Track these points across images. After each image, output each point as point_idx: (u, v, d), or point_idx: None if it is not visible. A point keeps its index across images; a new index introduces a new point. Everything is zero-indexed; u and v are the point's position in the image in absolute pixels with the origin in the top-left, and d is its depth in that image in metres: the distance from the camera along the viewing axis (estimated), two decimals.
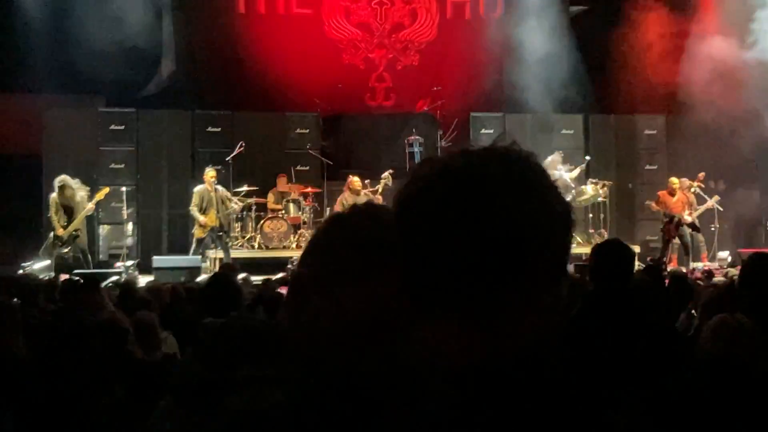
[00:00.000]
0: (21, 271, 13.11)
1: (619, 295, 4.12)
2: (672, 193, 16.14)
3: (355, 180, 15.40)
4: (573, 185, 16.30)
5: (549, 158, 15.91)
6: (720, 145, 17.24)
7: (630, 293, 4.24)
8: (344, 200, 15.36)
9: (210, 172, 14.95)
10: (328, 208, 16.70)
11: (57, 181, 14.37)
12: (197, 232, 14.86)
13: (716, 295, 5.55)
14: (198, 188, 14.87)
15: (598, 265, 4.21)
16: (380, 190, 15.52)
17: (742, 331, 3.50)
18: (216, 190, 14.87)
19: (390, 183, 15.67)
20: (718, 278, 11.08)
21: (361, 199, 15.23)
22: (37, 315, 6.07)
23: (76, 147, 16.52)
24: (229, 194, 15.16)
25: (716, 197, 16.52)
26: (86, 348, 3.96)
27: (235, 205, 15.24)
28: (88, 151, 16.50)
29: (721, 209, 16.70)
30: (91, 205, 14.62)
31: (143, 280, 12.24)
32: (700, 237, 16.34)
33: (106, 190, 15.15)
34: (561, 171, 16.12)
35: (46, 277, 11.71)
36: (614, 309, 4.07)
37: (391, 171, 15.78)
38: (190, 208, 14.82)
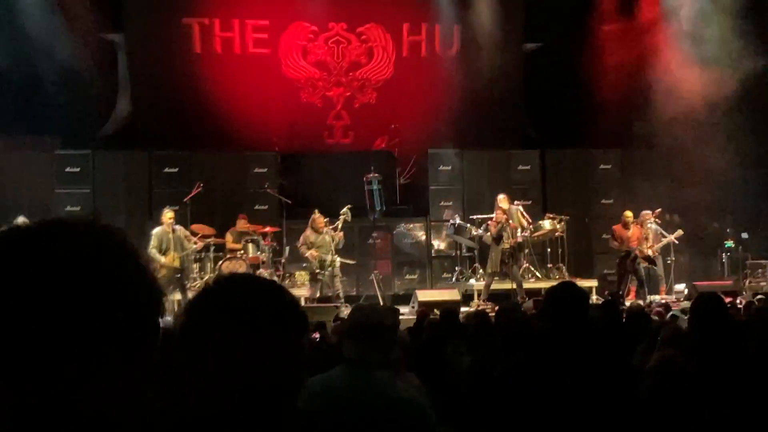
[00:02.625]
0: None
1: (573, 334, 4.15)
2: (626, 227, 16.28)
3: (317, 218, 15.35)
4: (528, 220, 16.37)
5: (499, 196, 15.99)
6: (675, 178, 17.47)
7: (584, 332, 4.27)
8: (306, 238, 15.33)
9: (168, 213, 14.84)
10: (287, 247, 16.66)
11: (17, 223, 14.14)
12: (159, 273, 14.72)
13: (671, 333, 5.62)
14: (156, 230, 14.75)
15: (551, 309, 4.24)
16: (339, 227, 15.50)
17: (681, 373, 3.55)
18: (174, 230, 14.75)
19: (349, 219, 15.67)
20: (675, 311, 11.21)
21: (323, 236, 15.18)
22: None
23: (31, 189, 16.35)
24: (187, 233, 15.05)
25: (679, 231, 16.66)
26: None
27: (194, 244, 15.13)
28: (43, 194, 16.32)
29: (678, 242, 16.88)
30: None
31: None
32: (658, 270, 16.49)
33: None
34: (516, 207, 16.20)
35: None
36: (568, 347, 4.10)
37: (350, 206, 15.77)
38: (149, 249, 14.69)
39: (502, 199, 15.88)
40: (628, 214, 16.39)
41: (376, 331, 3.39)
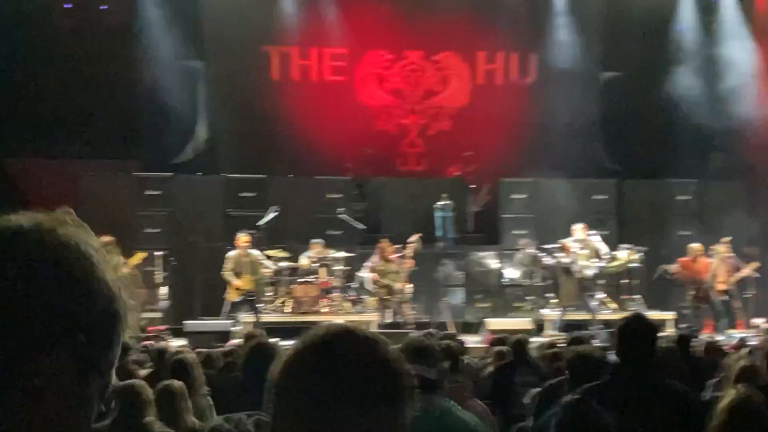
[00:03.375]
0: None
1: (643, 367, 4.11)
2: (693, 260, 16.00)
3: (385, 246, 15.41)
4: (604, 250, 16.17)
5: (575, 226, 15.90)
6: (755, 210, 17.12)
7: (653, 365, 4.22)
8: (375, 264, 15.40)
9: (243, 237, 15.06)
10: (358, 272, 16.72)
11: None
12: (230, 295, 14.94)
13: (744, 368, 5.50)
14: (231, 253, 14.97)
15: (620, 341, 4.21)
16: (410, 254, 15.51)
17: (755, 411, 3.46)
18: (249, 254, 14.96)
19: (419, 247, 15.68)
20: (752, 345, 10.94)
21: (391, 265, 15.23)
22: None
23: (114, 212, 16.70)
24: (262, 258, 15.23)
25: (756, 264, 16.29)
26: (101, 415, 3.97)
27: (268, 268, 15.31)
28: (124, 216, 16.65)
29: (758, 275, 16.50)
30: (127, 270, 14.69)
31: (175, 344, 12.27)
32: (736, 303, 16.13)
33: (144, 255, 15.26)
34: (593, 236, 16.05)
35: None
36: (637, 381, 4.06)
37: (420, 235, 15.77)
38: (224, 272, 14.91)
39: (578, 229, 15.77)
40: (694, 246, 16.10)
41: (425, 352, 3.40)
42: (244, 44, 18.99)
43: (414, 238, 15.63)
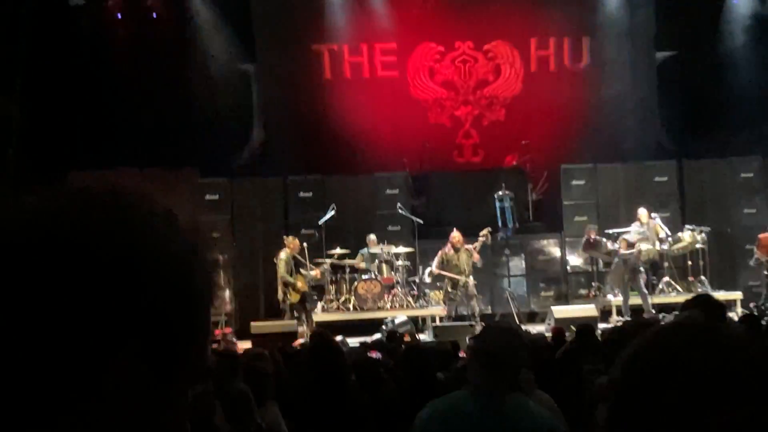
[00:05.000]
0: None
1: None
2: None
3: (455, 236, 15.37)
4: (665, 234, 15.98)
5: (639, 210, 15.80)
6: None
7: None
8: (444, 255, 15.38)
9: (292, 239, 15.27)
10: (420, 267, 16.73)
11: None
12: (292, 297, 15.06)
13: None
14: (282, 255, 15.10)
15: None
16: (478, 248, 15.46)
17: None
18: (297, 256, 15.20)
19: (489, 242, 15.64)
20: None
21: (462, 255, 15.20)
22: None
23: None
24: (306, 262, 15.41)
25: None
26: None
27: (312, 272, 15.44)
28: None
29: None
30: None
31: (241, 347, 12.39)
32: None
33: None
34: (655, 219, 15.91)
35: None
36: None
37: (489, 229, 15.72)
38: (281, 275, 15.03)
39: (642, 215, 15.66)
40: None
41: (501, 357, 3.36)
42: (294, 44, 19.09)
43: (484, 231, 15.57)
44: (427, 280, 15.79)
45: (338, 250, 16.09)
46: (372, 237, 16.34)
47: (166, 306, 0.91)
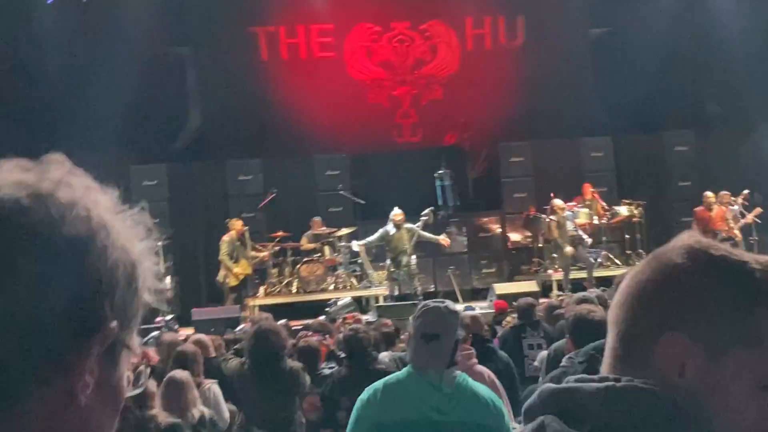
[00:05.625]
0: None
1: None
2: (709, 208, 15.92)
3: (397, 213, 15.27)
4: (604, 208, 16.27)
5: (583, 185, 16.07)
6: (753, 155, 17.06)
7: None
8: (386, 233, 15.29)
9: (236, 222, 15.12)
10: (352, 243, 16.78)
11: None
12: (231, 281, 14.96)
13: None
14: (225, 238, 14.99)
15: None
16: (421, 227, 15.42)
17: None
18: (243, 238, 15.02)
19: (431, 221, 15.64)
20: None
21: (403, 233, 15.11)
22: None
23: None
24: (253, 243, 15.29)
25: (758, 209, 16.29)
26: None
27: (264, 253, 15.35)
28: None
29: (760, 222, 16.51)
30: None
31: (183, 333, 12.30)
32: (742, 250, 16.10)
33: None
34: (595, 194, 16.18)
35: None
36: None
37: (432, 208, 15.71)
38: (221, 256, 14.93)
39: (585, 189, 15.90)
40: (709, 194, 15.99)
41: (438, 335, 3.38)
42: (229, 26, 18.87)
43: (426, 211, 15.56)
44: (356, 248, 15.62)
45: (280, 233, 16.03)
46: (317, 219, 16.31)
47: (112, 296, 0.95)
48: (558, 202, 15.60)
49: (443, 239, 15.54)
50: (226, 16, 18.77)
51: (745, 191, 16.21)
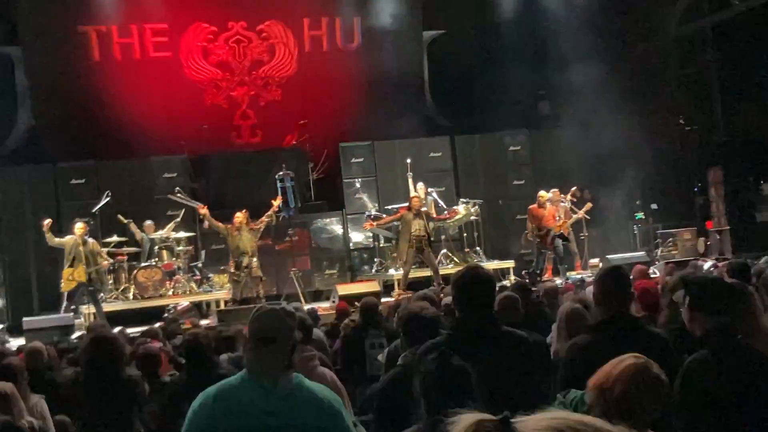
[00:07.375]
0: None
1: (482, 318, 4.18)
2: (541, 206, 16.44)
3: (239, 215, 15.05)
4: (443, 206, 16.62)
5: (417, 185, 16.32)
6: (583, 154, 17.73)
7: (492, 316, 4.30)
8: (227, 234, 15.04)
9: (79, 225, 14.51)
10: (203, 252, 16.49)
11: None
12: (64, 286, 14.36)
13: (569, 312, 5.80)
14: (67, 238, 14.39)
15: (458, 296, 4.26)
16: (262, 228, 15.28)
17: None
18: (86, 243, 14.41)
19: (273, 222, 15.53)
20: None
21: (244, 235, 14.91)
22: None
23: None
24: (100, 249, 14.72)
25: (588, 205, 16.96)
26: None
27: (106, 261, 14.84)
28: None
29: (589, 218, 17.19)
30: None
31: (15, 343, 11.80)
32: (572, 246, 16.75)
33: None
34: (432, 194, 16.50)
35: None
36: (477, 333, 4.13)
37: (276, 210, 15.52)
38: (48, 239, 14.25)
39: (420, 188, 16.11)
40: (543, 193, 16.51)
41: (272, 338, 3.34)
42: (60, 26, 18.17)
43: (269, 212, 15.35)
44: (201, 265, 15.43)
45: (115, 238, 15.57)
46: (148, 222, 15.91)
47: None
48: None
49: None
50: (55, 14, 18.06)
51: (574, 188, 16.84)
